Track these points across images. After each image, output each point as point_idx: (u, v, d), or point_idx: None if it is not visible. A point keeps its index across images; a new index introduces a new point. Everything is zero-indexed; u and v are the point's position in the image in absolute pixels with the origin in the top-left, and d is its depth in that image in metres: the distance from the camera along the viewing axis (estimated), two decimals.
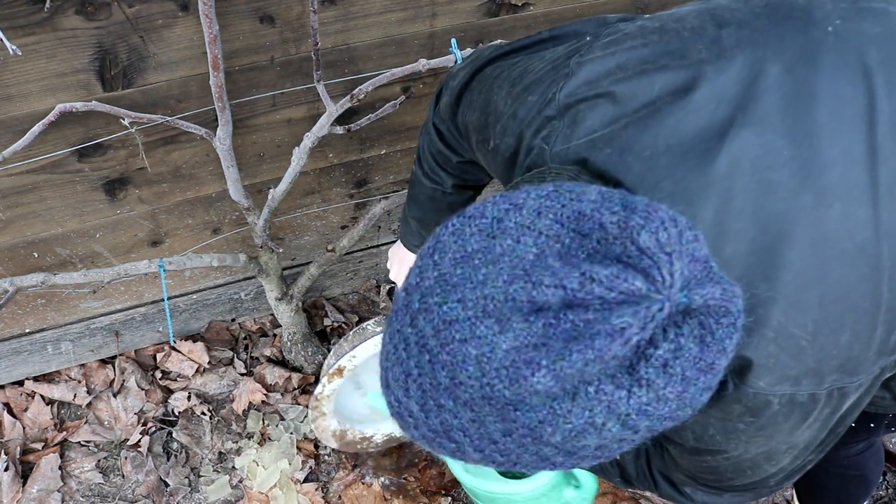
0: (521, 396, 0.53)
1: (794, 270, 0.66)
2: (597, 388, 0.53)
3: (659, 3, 1.47)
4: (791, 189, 0.65)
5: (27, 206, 1.32)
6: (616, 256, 0.53)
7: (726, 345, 0.55)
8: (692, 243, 0.54)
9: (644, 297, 0.51)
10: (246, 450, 1.70)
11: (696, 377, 0.55)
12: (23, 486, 1.62)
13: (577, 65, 0.77)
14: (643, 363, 0.53)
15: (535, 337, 0.52)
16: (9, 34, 1.01)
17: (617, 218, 0.54)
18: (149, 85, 1.20)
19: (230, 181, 1.30)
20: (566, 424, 0.54)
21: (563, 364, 0.51)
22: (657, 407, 0.55)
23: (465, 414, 0.57)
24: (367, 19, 1.26)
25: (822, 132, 0.66)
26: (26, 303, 1.56)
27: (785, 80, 0.68)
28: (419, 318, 0.57)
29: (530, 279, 0.52)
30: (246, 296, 1.81)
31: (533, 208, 0.56)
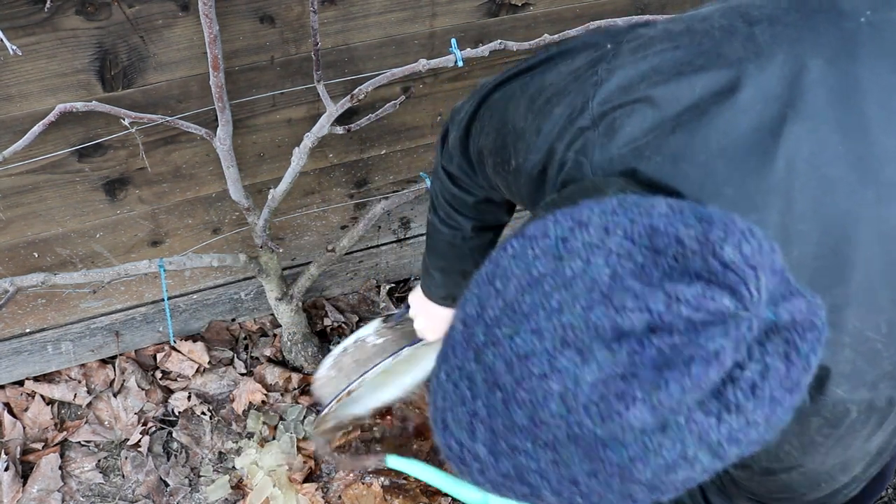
0: (614, 433, 0.49)
1: (863, 271, 0.62)
2: (687, 418, 0.49)
3: (658, 4, 1.47)
4: (850, 185, 0.62)
5: (27, 206, 1.33)
6: (697, 273, 0.49)
7: (811, 361, 0.52)
8: (771, 254, 0.51)
9: (733, 315, 0.48)
10: (246, 450, 1.70)
11: (783, 397, 0.51)
12: (23, 486, 1.62)
13: (606, 72, 0.73)
14: (731, 387, 0.49)
15: (622, 367, 0.48)
16: (9, 34, 1.01)
17: (695, 231, 0.50)
18: (149, 85, 1.20)
19: (230, 181, 1.30)
20: (658, 460, 0.50)
21: (661, 394, 0.47)
22: (747, 432, 0.51)
23: (545, 456, 0.52)
24: (367, 19, 1.26)
25: (874, 125, 0.63)
26: (26, 303, 1.57)
27: (828, 73, 0.65)
28: (486, 352, 0.52)
29: (612, 303, 0.48)
30: (246, 296, 1.81)
31: (600, 225, 0.53)
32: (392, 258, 1.92)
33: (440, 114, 1.52)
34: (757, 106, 0.65)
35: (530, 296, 0.51)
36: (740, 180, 0.63)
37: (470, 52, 1.20)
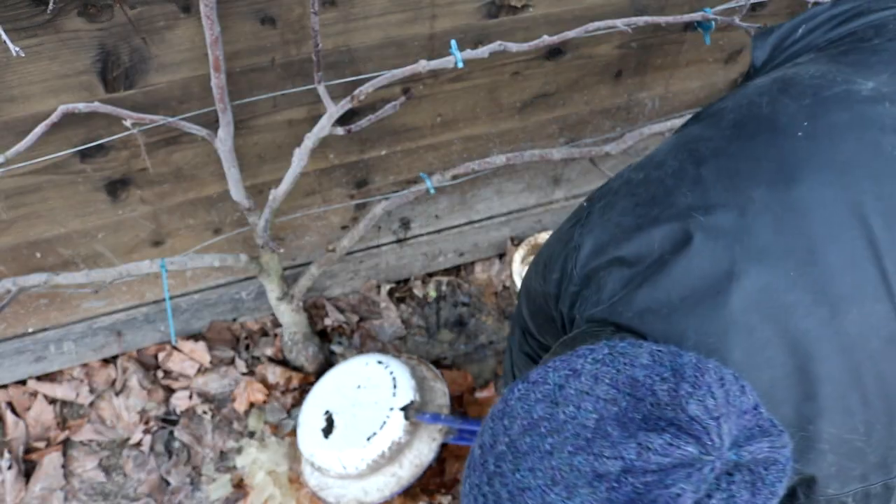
0: None
1: (830, 383, 0.67)
2: None
3: (657, 5, 1.48)
4: (806, 306, 0.67)
5: (30, 206, 1.33)
6: (669, 421, 0.57)
7: (776, 488, 0.58)
8: (739, 398, 0.59)
9: (696, 459, 0.56)
10: (247, 449, 1.70)
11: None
12: (26, 485, 1.63)
13: (580, 236, 0.81)
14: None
15: (601, 501, 0.56)
16: (11, 36, 1.02)
17: (667, 386, 0.59)
18: (150, 86, 1.21)
19: (231, 182, 1.31)
20: None
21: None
22: None
23: None
24: (367, 21, 1.27)
25: (819, 242, 0.68)
26: (29, 303, 1.57)
27: (771, 200, 0.70)
28: (495, 480, 0.62)
29: (592, 451, 0.57)
30: (247, 296, 1.81)
31: (591, 374, 0.61)
32: (392, 258, 1.93)
33: (440, 114, 1.53)
34: (708, 251, 0.70)
35: (529, 437, 0.61)
36: (698, 325, 0.69)
37: (470, 54, 1.21)
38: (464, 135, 1.60)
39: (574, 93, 1.62)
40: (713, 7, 1.46)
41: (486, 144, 1.65)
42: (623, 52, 1.58)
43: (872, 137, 0.71)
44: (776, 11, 1.64)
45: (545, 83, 1.57)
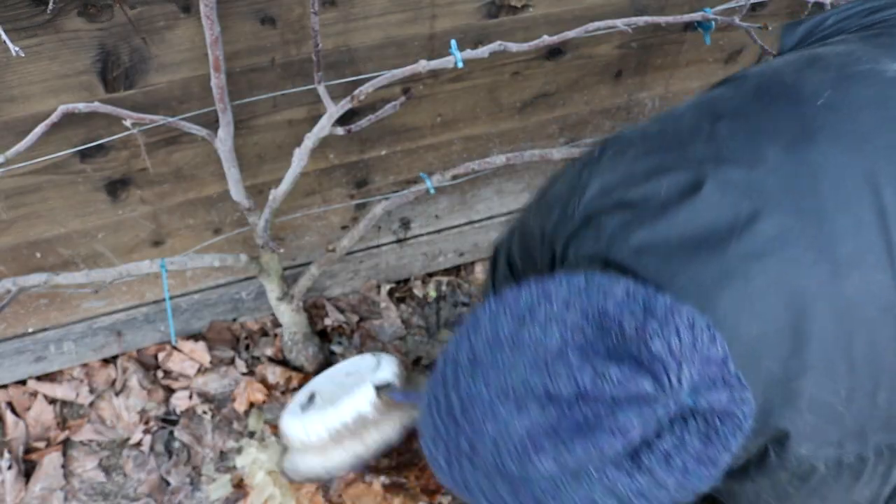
0: (529, 475, 0.59)
1: (819, 342, 0.67)
2: (599, 471, 0.58)
3: (657, 6, 1.48)
4: (806, 264, 0.67)
5: (30, 206, 1.33)
6: (630, 355, 0.58)
7: (730, 443, 0.60)
8: (708, 346, 0.60)
9: (651, 397, 0.57)
10: (247, 449, 1.71)
11: (697, 469, 0.60)
12: (26, 485, 1.63)
13: (587, 178, 0.80)
14: (646, 451, 0.58)
15: (547, 424, 0.58)
16: (11, 36, 1.02)
17: (635, 322, 0.60)
18: (150, 86, 1.21)
19: (231, 182, 1.31)
20: (567, 498, 0.60)
21: (566, 454, 0.57)
22: (655, 492, 0.60)
23: (480, 477, 0.63)
24: (367, 21, 1.27)
25: (828, 205, 0.68)
26: (29, 303, 1.57)
27: (785, 160, 0.70)
28: (451, 389, 0.64)
29: (548, 372, 0.58)
30: (247, 296, 1.81)
31: (563, 300, 0.63)
32: (392, 258, 1.93)
33: (440, 114, 1.53)
34: (716, 201, 0.70)
35: (491, 352, 0.62)
36: (694, 270, 0.69)
37: (470, 54, 1.21)
38: (464, 135, 1.60)
39: (574, 93, 1.62)
40: (713, 7, 1.46)
41: (486, 144, 1.65)
42: (623, 52, 1.58)
43: (893, 115, 0.71)
44: (776, 11, 1.64)
45: (545, 83, 1.57)
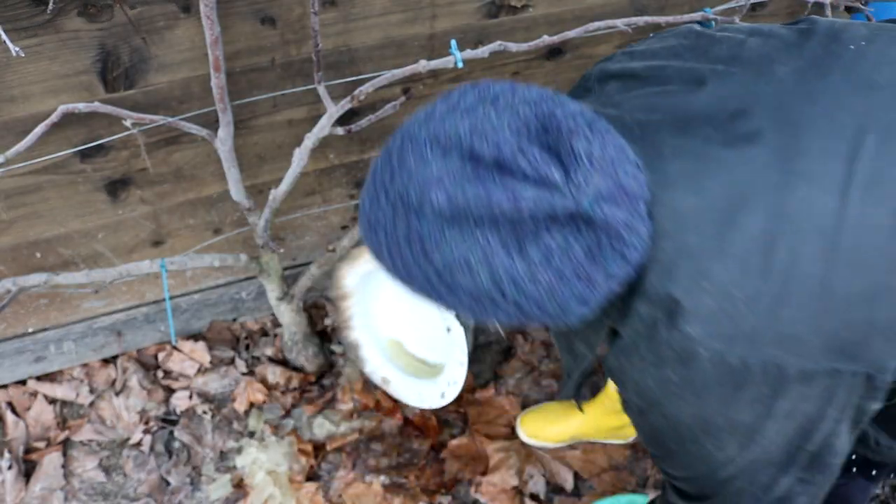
0: (423, 208, 0.65)
1: (744, 234, 0.70)
2: (482, 233, 0.64)
3: (657, 5, 1.48)
4: (762, 165, 0.71)
5: (30, 206, 1.33)
6: (555, 147, 0.64)
7: (610, 267, 0.66)
8: (628, 174, 0.66)
9: (554, 185, 0.63)
10: (247, 449, 1.70)
11: (571, 279, 0.65)
12: (26, 485, 1.63)
13: (604, 60, 0.88)
14: (531, 241, 0.63)
15: (459, 172, 0.64)
16: (11, 36, 1.02)
17: (575, 125, 0.66)
18: (150, 86, 1.21)
19: (231, 182, 1.31)
20: (447, 249, 0.65)
21: (460, 196, 0.64)
22: (527, 284, 0.65)
23: (388, 209, 0.69)
24: (367, 21, 1.27)
25: (809, 126, 0.72)
26: (29, 303, 1.57)
27: (790, 79, 0.75)
28: (397, 134, 0.72)
29: (482, 136, 0.65)
30: (247, 296, 1.81)
31: (524, 97, 0.68)
32: None
33: None
34: (714, 96, 0.76)
35: (445, 113, 0.69)
36: (662, 137, 0.75)
37: (470, 54, 1.21)
38: None
39: None
40: (713, 7, 1.46)
41: None
42: None
43: None
44: (776, 11, 1.64)
45: (545, 83, 1.57)
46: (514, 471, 1.69)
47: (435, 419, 1.78)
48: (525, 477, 1.69)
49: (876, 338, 0.72)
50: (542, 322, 0.71)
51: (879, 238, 0.70)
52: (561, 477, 1.70)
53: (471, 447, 1.74)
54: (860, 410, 0.77)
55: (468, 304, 0.70)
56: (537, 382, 1.86)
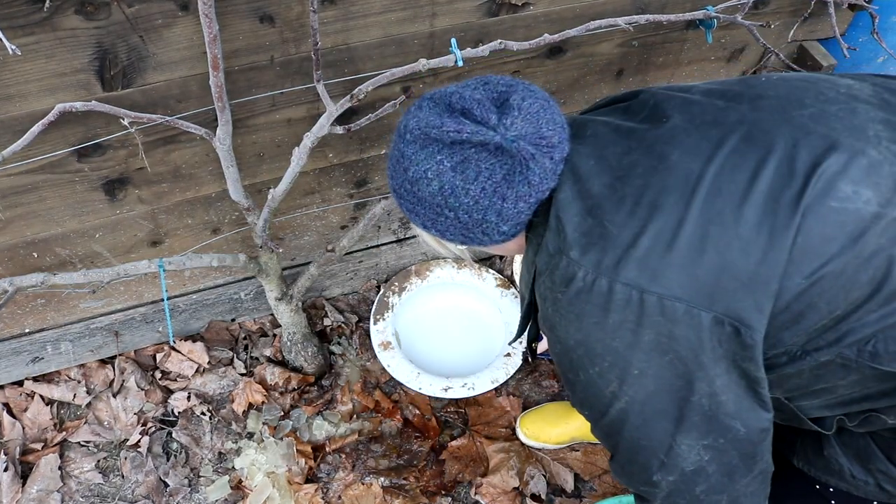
0: (405, 134, 0.90)
1: (626, 184, 0.86)
2: (438, 153, 0.87)
3: (658, 4, 1.47)
4: (654, 136, 0.90)
5: (27, 206, 1.32)
6: (500, 104, 0.89)
7: (519, 188, 0.87)
8: (549, 130, 0.87)
9: (490, 125, 0.86)
10: (246, 450, 1.70)
11: (492, 195, 0.87)
12: (22, 486, 1.62)
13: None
14: (469, 162, 0.86)
15: (436, 114, 0.89)
16: (8, 34, 1.01)
17: (522, 90, 0.91)
18: (148, 85, 1.20)
19: (230, 181, 1.30)
20: (415, 165, 0.89)
21: (426, 123, 0.88)
22: (461, 195, 0.88)
23: (393, 141, 0.94)
24: (366, 19, 1.26)
25: (702, 117, 0.90)
26: (26, 303, 1.56)
27: (702, 96, 0.94)
28: (405, 117, 0.93)
29: (460, 96, 0.89)
30: (246, 296, 1.81)
31: (506, 83, 0.92)
32: (392, 258, 1.92)
33: None
34: (640, 106, 0.98)
35: (453, 85, 0.93)
36: (600, 120, 0.96)
37: (470, 52, 1.20)
38: None
39: (575, 91, 1.62)
40: (715, 5, 1.45)
41: None
42: (624, 50, 1.57)
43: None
44: (779, 9, 1.64)
45: (546, 82, 1.56)
46: (515, 472, 1.68)
47: (435, 420, 1.77)
48: (525, 478, 1.68)
49: (732, 285, 0.80)
50: (479, 237, 0.93)
51: (731, 195, 0.82)
52: (561, 478, 1.70)
53: (471, 448, 1.73)
54: (744, 373, 0.84)
55: (429, 216, 0.93)
56: (537, 383, 1.85)
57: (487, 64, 1.45)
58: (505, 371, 1.79)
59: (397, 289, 1.92)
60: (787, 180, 0.82)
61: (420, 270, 1.95)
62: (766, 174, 0.82)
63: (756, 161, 0.83)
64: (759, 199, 0.81)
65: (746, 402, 0.86)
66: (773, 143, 0.85)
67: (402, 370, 1.77)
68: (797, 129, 0.86)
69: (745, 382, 0.85)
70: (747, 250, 0.81)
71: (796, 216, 0.80)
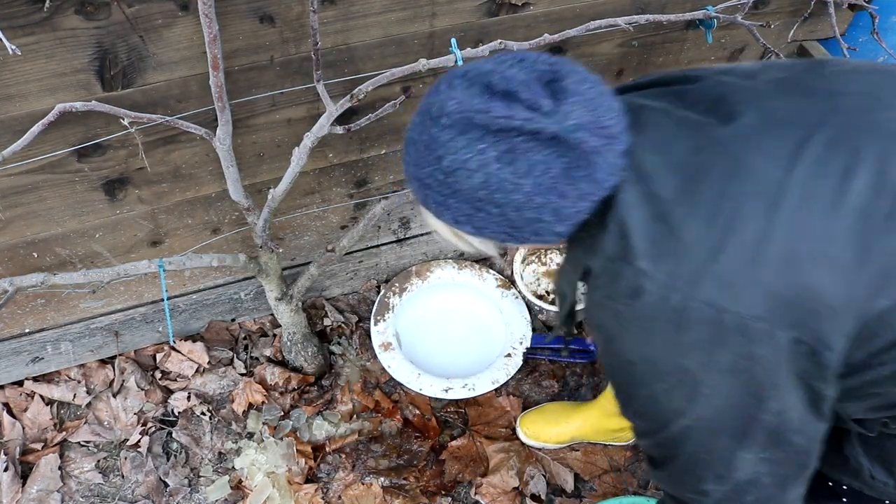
0: (440, 118, 0.79)
1: (700, 188, 0.78)
2: (481, 142, 0.76)
3: (658, 4, 1.47)
4: (728, 136, 0.82)
5: (27, 206, 1.32)
6: (552, 88, 0.79)
7: (581, 186, 0.78)
8: (607, 119, 0.78)
9: (544, 112, 0.76)
10: (246, 450, 1.70)
11: (548, 191, 0.78)
12: (22, 487, 1.62)
13: None
14: (519, 154, 0.76)
15: (475, 95, 0.78)
16: (8, 34, 1.01)
17: (575, 73, 0.81)
18: (148, 85, 1.20)
19: (230, 181, 1.30)
20: (453, 154, 0.78)
21: (468, 106, 0.77)
22: (511, 191, 0.77)
23: (417, 124, 0.83)
24: (366, 19, 1.26)
25: (775, 115, 0.82)
26: (26, 303, 1.56)
27: (771, 86, 0.87)
28: (441, 88, 0.82)
29: (499, 74, 0.79)
30: (246, 296, 1.81)
31: (545, 60, 0.82)
32: (392, 258, 1.92)
33: None
34: (701, 91, 0.88)
35: (483, 62, 0.83)
36: (654, 102, 0.88)
37: (470, 52, 1.20)
38: None
39: None
40: (715, 5, 1.45)
41: None
42: (624, 50, 1.57)
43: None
44: (778, 9, 1.64)
45: None
46: (514, 472, 1.68)
47: (435, 420, 1.77)
48: (525, 478, 1.68)
49: (817, 307, 0.75)
50: (526, 237, 0.83)
51: (818, 209, 0.76)
52: (561, 478, 1.70)
53: (471, 448, 1.73)
54: (813, 391, 0.80)
55: (464, 211, 0.82)
56: (537, 383, 1.85)
57: None
58: (505, 372, 1.79)
59: (398, 289, 1.92)
60: (877, 195, 0.76)
61: (420, 271, 1.95)
62: (856, 188, 0.76)
63: (842, 171, 0.77)
64: (849, 214, 0.76)
65: (810, 416, 0.82)
66: (860, 151, 0.78)
67: (402, 371, 1.77)
68: (886, 138, 0.79)
69: (812, 398, 0.81)
70: (835, 270, 0.75)
71: (888, 236, 0.75)
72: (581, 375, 1.87)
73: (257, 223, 1.39)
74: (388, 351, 1.81)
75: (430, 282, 1.94)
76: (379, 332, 1.84)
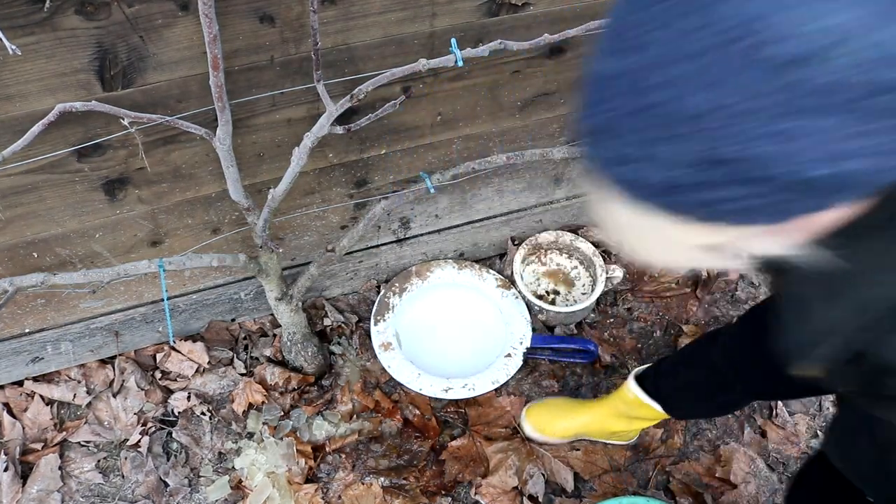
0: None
1: None
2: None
3: None
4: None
5: (27, 206, 1.32)
6: None
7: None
8: None
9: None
10: (246, 450, 1.70)
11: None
12: (22, 487, 1.62)
13: None
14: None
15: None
16: (8, 34, 1.01)
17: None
18: (148, 85, 1.20)
19: (230, 181, 1.30)
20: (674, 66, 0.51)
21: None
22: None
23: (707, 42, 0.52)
24: (367, 19, 1.26)
25: None
26: (26, 303, 1.56)
27: None
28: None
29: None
30: (246, 296, 1.81)
31: None
32: (392, 258, 1.92)
33: (440, 113, 1.52)
34: None
35: None
36: None
37: (470, 52, 1.20)
38: (464, 134, 1.59)
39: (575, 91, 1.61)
40: None
41: (486, 144, 1.64)
42: None
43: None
44: None
45: (546, 82, 1.56)
46: (514, 472, 1.68)
47: (435, 420, 1.77)
48: (525, 477, 1.68)
49: None
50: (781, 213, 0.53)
51: None
52: (561, 476, 1.70)
53: (471, 448, 1.73)
54: None
55: (674, 146, 0.53)
56: (537, 383, 1.85)
57: (487, 64, 1.45)
58: (505, 372, 1.79)
59: (398, 289, 1.92)
60: None
61: (420, 271, 1.95)
62: None
63: None
64: None
65: None
66: None
67: (402, 371, 1.77)
68: None
69: None
70: None
71: None
72: (581, 375, 1.87)
73: (257, 223, 1.39)
74: (388, 351, 1.81)
75: (431, 282, 1.95)
76: (379, 332, 1.84)
